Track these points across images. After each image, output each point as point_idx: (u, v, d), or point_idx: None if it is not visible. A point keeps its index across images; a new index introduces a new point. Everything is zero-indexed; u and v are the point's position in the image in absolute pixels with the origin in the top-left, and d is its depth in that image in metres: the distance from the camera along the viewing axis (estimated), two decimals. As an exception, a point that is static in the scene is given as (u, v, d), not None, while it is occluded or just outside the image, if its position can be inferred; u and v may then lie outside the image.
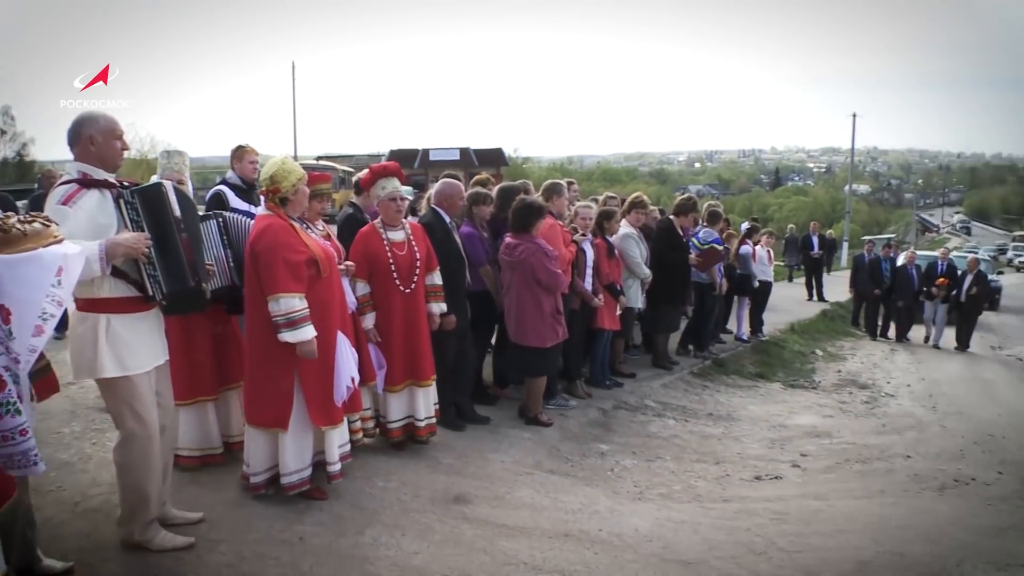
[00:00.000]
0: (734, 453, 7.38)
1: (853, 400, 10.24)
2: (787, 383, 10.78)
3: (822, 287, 20.06)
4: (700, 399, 9.14)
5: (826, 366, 12.53)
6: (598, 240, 8.17)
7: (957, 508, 6.26)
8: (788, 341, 13.51)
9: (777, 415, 8.98)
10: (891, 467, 7.38)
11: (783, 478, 6.76)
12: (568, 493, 5.62)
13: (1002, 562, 5.15)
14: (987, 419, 9.67)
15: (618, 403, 8.17)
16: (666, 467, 6.71)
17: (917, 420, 9.39)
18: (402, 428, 5.86)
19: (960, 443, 8.40)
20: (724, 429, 8.15)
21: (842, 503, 6.16)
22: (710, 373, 10.19)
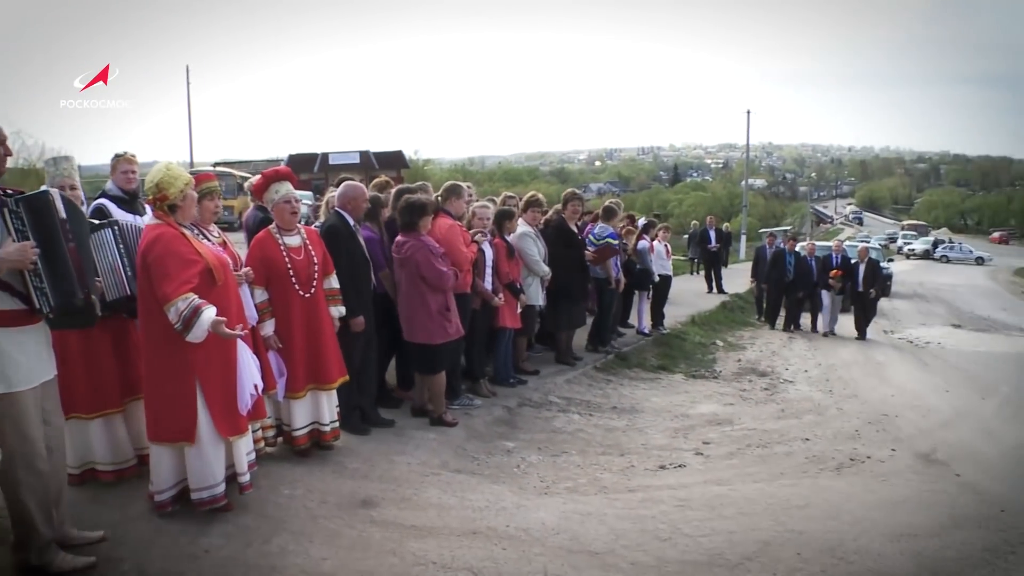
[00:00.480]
0: (638, 444, 7.53)
1: (753, 387, 10.57)
2: (689, 374, 11.05)
3: (721, 279, 20.63)
4: (604, 393, 9.29)
5: (726, 356, 12.89)
6: (497, 240, 8.25)
7: (854, 485, 6.56)
8: (689, 333, 13.85)
9: (680, 405, 9.21)
10: (790, 450, 7.66)
11: (686, 466, 6.93)
12: (475, 491, 5.67)
13: (896, 533, 5.43)
14: (880, 400, 10.13)
15: (523, 400, 8.25)
16: (572, 461, 6.81)
17: (815, 404, 9.76)
18: (307, 435, 5.82)
19: (856, 424, 8.79)
20: (628, 421, 8.31)
21: (744, 487, 6.36)
22: (613, 367, 10.36)
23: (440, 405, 7.09)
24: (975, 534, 5.56)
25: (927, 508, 6.07)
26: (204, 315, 4.25)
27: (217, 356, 4.50)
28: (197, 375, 4.47)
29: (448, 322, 6.85)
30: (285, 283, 5.58)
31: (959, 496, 6.42)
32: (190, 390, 4.47)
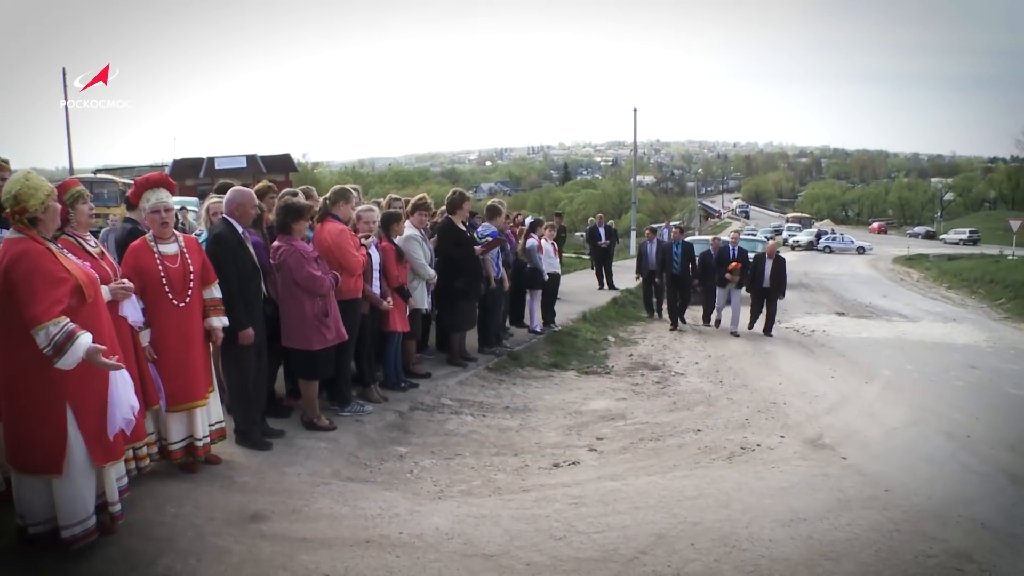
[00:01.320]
0: (532, 443, 7.55)
1: (645, 381, 10.73)
2: (581, 370, 11.15)
3: (612, 275, 20.92)
4: (497, 393, 9.29)
5: (618, 351, 13.06)
6: (384, 243, 8.16)
7: (744, 473, 6.74)
8: (581, 330, 13.98)
9: (572, 402, 9.27)
10: (683, 442, 7.81)
11: (580, 463, 6.98)
12: (367, 499, 5.59)
13: (787, 519, 5.62)
14: (769, 388, 10.44)
15: (415, 404, 8.18)
16: (465, 463, 6.79)
17: (705, 395, 9.99)
18: (183, 449, 5.62)
19: (745, 413, 9.04)
20: (521, 420, 8.32)
21: (638, 481, 6.44)
22: (506, 367, 10.37)
23: (313, 410, 7.00)
24: (861, 515, 5.79)
25: (815, 492, 6.28)
26: (79, 342, 4.00)
27: (92, 380, 4.24)
28: (69, 402, 4.21)
29: (326, 328, 6.73)
30: (158, 292, 5.39)
31: (845, 478, 6.66)
32: (60, 418, 4.20)
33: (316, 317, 6.68)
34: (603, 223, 22.00)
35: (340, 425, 7.10)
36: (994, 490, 6.59)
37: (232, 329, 5.88)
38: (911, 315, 20.24)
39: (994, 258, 36.95)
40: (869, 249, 55.84)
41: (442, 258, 9.37)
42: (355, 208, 7.97)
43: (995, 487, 6.67)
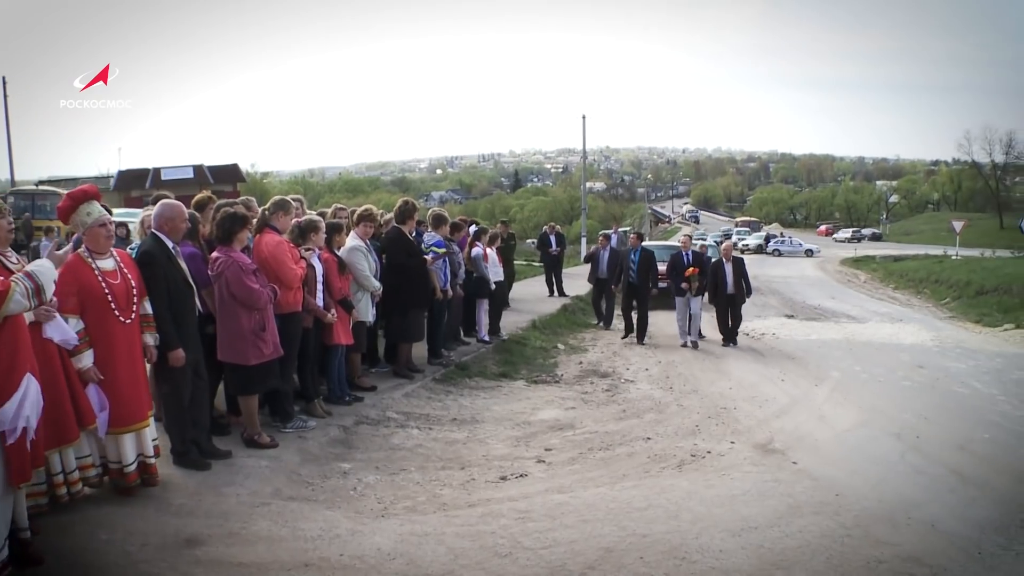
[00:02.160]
0: (479, 456, 7.42)
1: (595, 390, 10.63)
2: (530, 380, 11.04)
3: (562, 283, 20.88)
4: (443, 405, 9.13)
5: (568, 359, 12.97)
6: (326, 255, 7.98)
7: (694, 482, 6.65)
8: (530, 338, 13.89)
9: (521, 412, 9.15)
10: (632, 450, 7.72)
11: (528, 475, 6.85)
12: (308, 520, 5.42)
13: (737, 527, 5.54)
14: (719, 393, 10.40)
15: (359, 418, 8.01)
16: (411, 479, 6.63)
17: (655, 402, 9.91)
18: (137, 471, 5.49)
19: (696, 419, 8.98)
20: (469, 433, 8.18)
21: (586, 493, 6.33)
22: (453, 378, 10.22)
23: (254, 426, 6.81)
24: (812, 520, 5.73)
25: (766, 499, 6.22)
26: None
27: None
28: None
29: (263, 342, 6.55)
30: (104, 310, 5.23)
31: (796, 484, 6.61)
32: None
33: (253, 331, 6.50)
34: (553, 231, 21.98)
35: (282, 442, 6.91)
36: (944, 491, 6.58)
37: (163, 349, 5.71)
38: (859, 316, 20.47)
39: (938, 258, 37.73)
40: (817, 252, 56.73)
41: (390, 269, 9.22)
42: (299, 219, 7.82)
43: (945, 487, 6.66)
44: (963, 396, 10.57)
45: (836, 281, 34.48)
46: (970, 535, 5.55)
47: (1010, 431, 8.70)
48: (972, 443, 8.09)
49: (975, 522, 5.80)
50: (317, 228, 7.79)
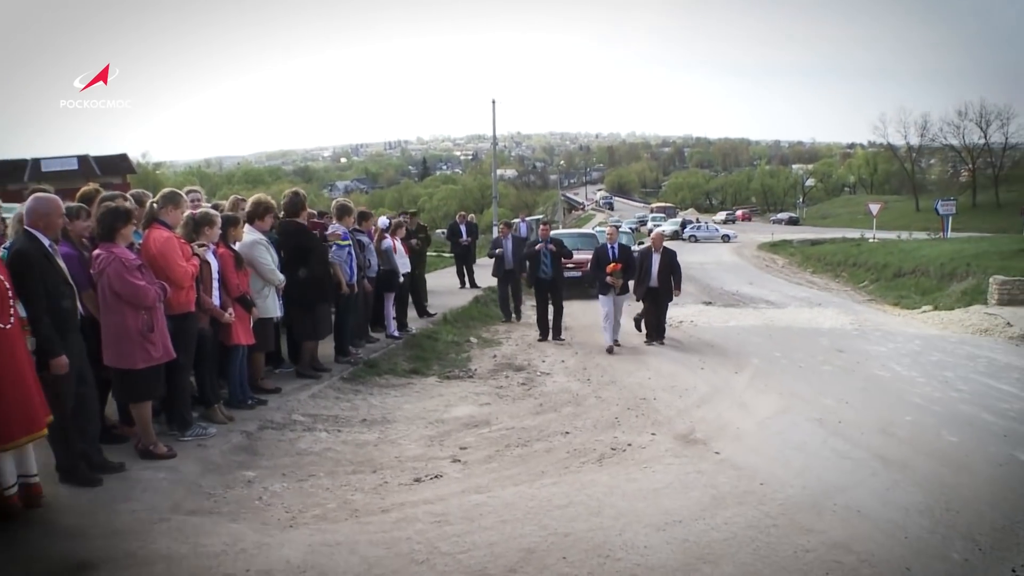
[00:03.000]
0: (392, 457, 7.34)
1: (510, 384, 10.66)
2: (443, 375, 11.00)
3: (473, 274, 20.87)
4: (353, 405, 9.03)
5: (481, 353, 12.97)
6: (222, 250, 7.78)
7: (616, 476, 6.71)
8: (441, 332, 13.86)
9: (434, 410, 9.11)
10: (551, 446, 7.75)
11: (444, 476, 6.82)
12: (210, 535, 5.25)
13: (661, 522, 5.60)
14: (638, 384, 10.53)
15: (264, 423, 7.85)
16: (320, 485, 6.52)
17: (573, 395, 9.99)
18: (19, 492, 5.25)
19: (615, 411, 9.07)
20: (380, 434, 8.10)
21: (505, 492, 6.33)
22: (362, 376, 10.11)
23: (148, 436, 6.59)
24: (737, 512, 5.84)
25: (689, 491, 6.31)
26: None
27: None
28: None
29: (151, 344, 6.34)
30: None
31: (719, 474, 6.72)
32: None
33: (140, 332, 6.28)
34: (464, 220, 21.93)
35: (181, 451, 6.69)
36: (868, 475, 6.77)
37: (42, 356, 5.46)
38: (777, 301, 21.01)
39: (856, 242, 38.98)
40: (734, 237, 57.96)
41: (290, 263, 9.08)
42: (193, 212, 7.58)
43: (868, 472, 6.85)
44: (884, 379, 10.92)
45: (754, 266, 35.31)
46: (896, 519, 5.72)
47: (931, 413, 9.02)
48: (894, 426, 8.37)
49: (900, 506, 5.99)
50: (211, 222, 7.56)
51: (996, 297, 17.96)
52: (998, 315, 16.14)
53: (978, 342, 14.32)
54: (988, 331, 15.24)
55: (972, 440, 7.92)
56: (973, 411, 9.09)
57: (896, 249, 30.39)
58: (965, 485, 6.54)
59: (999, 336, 14.75)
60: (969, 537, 5.45)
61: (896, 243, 34.58)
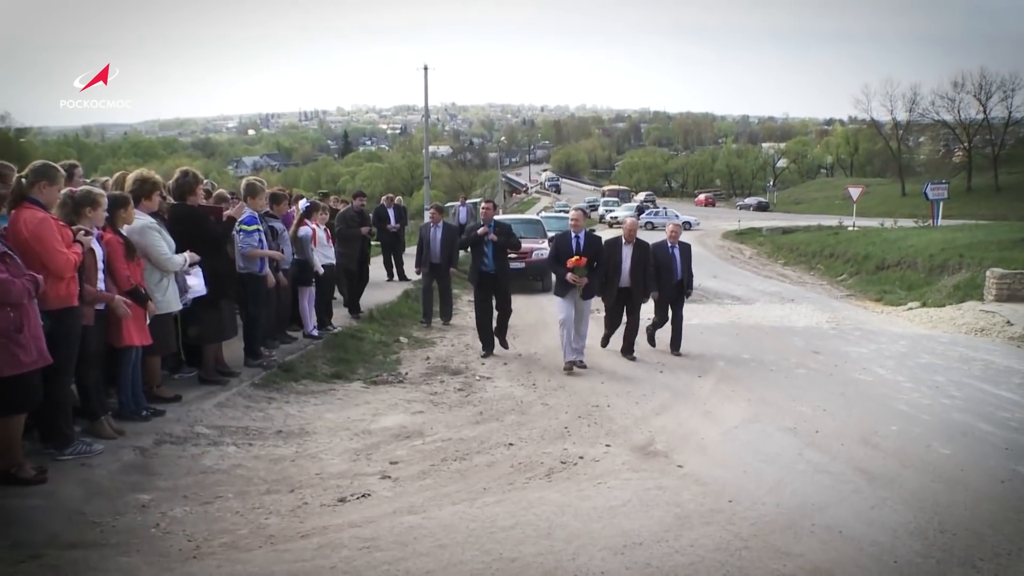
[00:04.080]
0: (312, 475, 7.29)
1: (446, 389, 10.68)
2: (369, 380, 10.97)
3: (403, 265, 20.81)
4: (266, 415, 8.95)
5: (412, 354, 12.94)
6: (109, 235, 7.64)
7: (567, 493, 6.76)
8: (367, 331, 13.82)
9: (360, 420, 9.08)
10: (493, 459, 7.80)
11: (372, 495, 6.80)
12: (96, 571, 5.12)
13: (619, 544, 5.65)
14: (590, 389, 10.65)
15: (161, 437, 7.70)
16: (229, 507, 6.42)
17: (517, 402, 10.05)
18: None
19: (564, 420, 9.15)
20: (298, 447, 8.04)
21: (442, 512, 6.33)
22: (276, 381, 10.03)
23: (15, 456, 6.32)
24: (704, 532, 5.92)
25: (650, 509, 6.38)
26: None
27: None
28: None
29: (20, 346, 6.12)
30: None
31: (682, 491, 6.81)
32: None
33: (5, 334, 6.07)
34: (391, 204, 21.87)
35: (58, 473, 6.50)
36: (850, 491, 6.91)
37: None
38: (745, 297, 21.31)
39: (833, 230, 39.62)
40: (696, 224, 58.55)
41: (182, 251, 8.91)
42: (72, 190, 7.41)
43: (850, 488, 6.99)
44: (865, 384, 11.14)
45: (718, 257, 35.76)
46: (882, 541, 5.84)
47: (920, 422, 9.24)
48: (877, 436, 8.55)
49: (887, 526, 6.12)
50: (95, 202, 7.34)
51: (993, 292, 18.36)
52: (996, 312, 16.53)
53: (973, 343, 14.70)
54: (984, 331, 15.63)
55: (967, 453, 8.13)
56: (968, 420, 9.34)
57: (879, 238, 30.97)
58: (961, 504, 6.69)
59: (997, 336, 15.15)
60: (968, 563, 5.57)
61: (879, 232, 35.24)
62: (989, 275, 18.76)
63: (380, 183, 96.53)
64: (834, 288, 24.24)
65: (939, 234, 29.92)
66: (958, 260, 22.35)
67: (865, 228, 38.58)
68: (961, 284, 20.28)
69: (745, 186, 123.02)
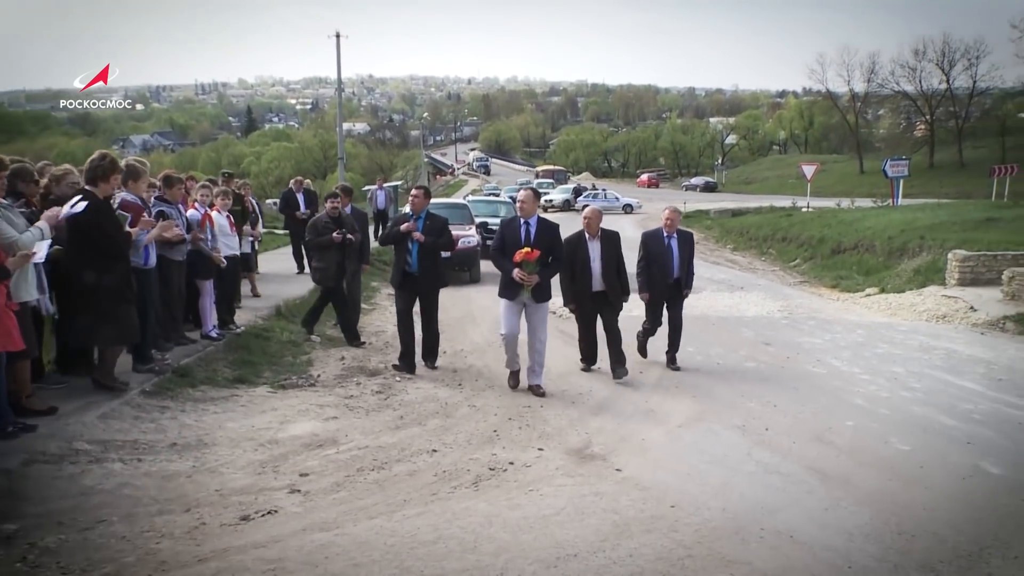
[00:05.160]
0: (211, 491, 7.18)
1: (362, 392, 10.61)
2: (276, 384, 10.85)
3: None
4: (158, 426, 8.79)
5: (326, 355, 12.84)
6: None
7: (495, 502, 6.79)
8: (275, 329, 13.70)
9: (266, 429, 8.98)
10: (415, 467, 7.78)
11: (279, 511, 6.73)
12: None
13: (552, 556, 5.68)
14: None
15: (31, 456, 7.46)
16: (113, 533, 6.26)
17: (442, 404, 10.06)
18: None
19: (493, 422, 9.20)
20: (195, 461, 7.92)
21: (357, 528, 6.31)
22: (170, 388, 9.86)
23: None
24: (644, 541, 5.99)
25: (586, 517, 6.42)
26: None
27: None
28: None
29: None
30: None
31: (621, 496, 6.88)
32: None
33: None
34: (301, 188, 21.70)
35: None
36: (802, 492, 7.05)
37: None
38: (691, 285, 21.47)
39: (786, 211, 40.20)
40: (638, 207, 59.05)
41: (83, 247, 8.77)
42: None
43: (803, 489, 7.14)
44: (819, 377, 11.34)
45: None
46: (836, 545, 5.97)
47: (877, 416, 9.44)
48: (832, 433, 8.74)
49: (841, 529, 6.26)
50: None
51: (956, 276, 18.74)
52: (959, 298, 16.90)
53: (934, 330, 15.02)
54: (946, 317, 15.98)
55: (927, 449, 8.33)
56: (928, 414, 9.57)
57: (835, 220, 31.49)
58: (920, 503, 6.86)
59: (960, 323, 15.49)
60: (927, 567, 5.70)
61: (835, 213, 35.87)
62: (951, 258, 19.16)
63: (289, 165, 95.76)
64: (787, 274, 24.61)
65: (899, 214, 30.48)
66: (919, 242, 22.79)
67: (820, 209, 39.27)
68: (922, 268, 20.70)
69: (692, 165, 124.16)
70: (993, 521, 6.53)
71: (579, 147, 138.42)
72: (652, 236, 12.42)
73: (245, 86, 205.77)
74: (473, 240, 21.88)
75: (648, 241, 12.35)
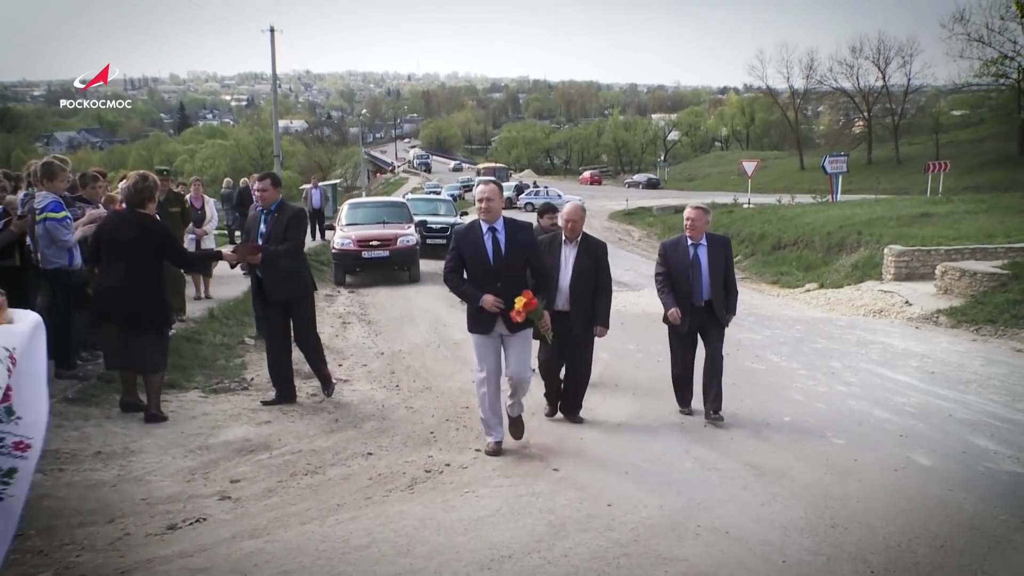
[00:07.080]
0: (137, 500, 7.05)
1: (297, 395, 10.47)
2: (208, 388, 10.74)
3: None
4: (82, 435, 8.61)
5: (260, 357, 12.62)
6: None
7: (430, 505, 6.77)
8: (206, 332, 13.58)
9: (196, 434, 8.86)
10: (349, 471, 7.74)
11: (208, 519, 6.64)
12: None
13: (486, 558, 5.68)
14: (459, 389, 10.74)
15: (-61, 469, 7.38)
16: (30, 547, 6.10)
17: (378, 406, 10.06)
18: None
19: (430, 424, 9.21)
20: (120, 470, 7.78)
21: (289, 534, 6.24)
22: (95, 395, 9.71)
23: None
24: (580, 540, 5.99)
25: (521, 518, 6.43)
26: None
27: None
28: None
29: None
30: None
31: (557, 496, 6.88)
32: None
33: None
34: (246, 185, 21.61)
35: None
36: (738, 488, 7.10)
37: None
38: (632, 283, 21.66)
39: (727, 207, 40.48)
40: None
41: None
42: None
43: (739, 485, 7.19)
44: (757, 373, 11.45)
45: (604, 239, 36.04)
46: (772, 539, 6.02)
47: (814, 411, 9.55)
48: (769, 428, 8.84)
49: (776, 523, 6.31)
50: None
51: (892, 271, 19.04)
52: (895, 292, 17.15)
53: (871, 325, 15.20)
54: (883, 312, 16.20)
55: (862, 442, 8.43)
56: (864, 407, 9.69)
57: (775, 216, 31.81)
58: (854, 496, 6.93)
59: (895, 317, 15.71)
60: (859, 558, 5.77)
61: (775, 209, 36.18)
62: (887, 253, 19.46)
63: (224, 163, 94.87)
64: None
65: (837, 210, 30.86)
66: (856, 238, 23.13)
67: (761, 205, 39.62)
68: (859, 263, 20.98)
69: (634, 162, 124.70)
70: (923, 512, 6.63)
71: (521, 144, 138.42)
72: (672, 245, 9.92)
73: (177, 82, 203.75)
74: (412, 239, 21.81)
75: (667, 252, 9.83)
